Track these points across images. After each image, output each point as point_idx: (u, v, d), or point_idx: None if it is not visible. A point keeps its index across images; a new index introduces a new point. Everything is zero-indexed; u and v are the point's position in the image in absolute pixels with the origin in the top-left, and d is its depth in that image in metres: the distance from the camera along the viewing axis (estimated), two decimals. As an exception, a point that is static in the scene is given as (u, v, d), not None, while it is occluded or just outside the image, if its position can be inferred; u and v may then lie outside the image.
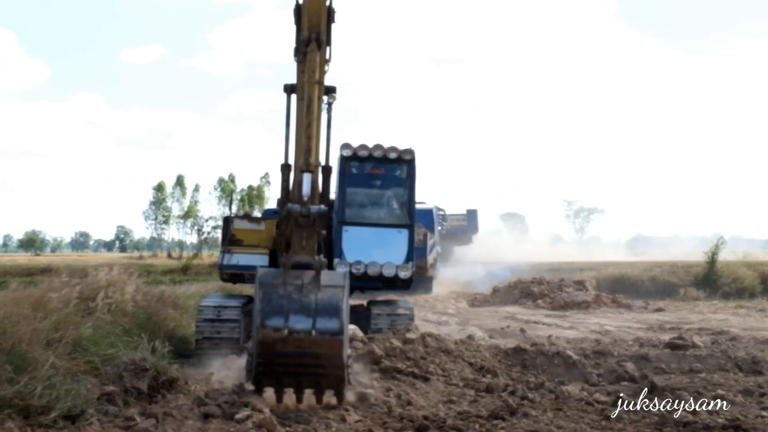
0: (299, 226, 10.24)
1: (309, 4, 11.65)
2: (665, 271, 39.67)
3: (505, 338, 19.78)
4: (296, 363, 9.63)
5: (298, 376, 9.86)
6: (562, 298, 32.16)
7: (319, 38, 11.03)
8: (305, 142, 10.48)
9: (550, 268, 44.32)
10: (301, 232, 10.25)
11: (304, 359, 9.59)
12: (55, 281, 13.08)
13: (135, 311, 14.14)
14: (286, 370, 9.73)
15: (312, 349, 9.51)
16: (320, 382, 9.89)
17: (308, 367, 9.67)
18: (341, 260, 15.57)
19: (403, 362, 12.99)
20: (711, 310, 30.22)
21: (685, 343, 16.10)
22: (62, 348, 10.31)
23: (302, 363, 9.62)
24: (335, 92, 15.45)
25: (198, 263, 45.18)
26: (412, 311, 16.69)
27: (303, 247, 10.24)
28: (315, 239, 10.28)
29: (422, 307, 29.67)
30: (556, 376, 13.73)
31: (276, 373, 9.82)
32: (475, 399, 11.75)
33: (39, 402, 8.87)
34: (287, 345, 9.48)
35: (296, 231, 10.26)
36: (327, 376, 9.82)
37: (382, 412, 10.61)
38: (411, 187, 16.08)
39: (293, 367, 9.70)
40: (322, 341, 9.48)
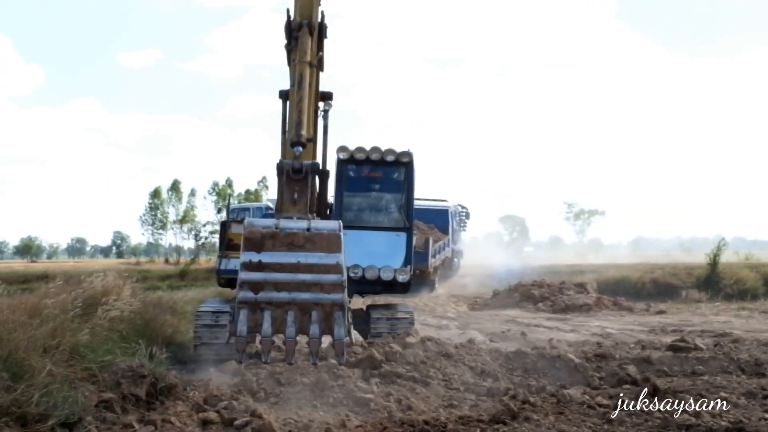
0: (290, 180, 9.82)
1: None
2: (667, 273, 39.57)
3: (505, 342, 19.70)
4: (286, 279, 8.74)
5: (287, 303, 8.73)
6: (563, 301, 32.09)
7: (310, 24, 10.96)
8: (296, 116, 10.27)
9: (550, 271, 44.27)
10: (292, 186, 9.83)
11: (297, 270, 8.76)
12: (51, 288, 13.00)
13: (132, 317, 14.09)
14: (275, 290, 8.69)
15: (306, 248, 8.86)
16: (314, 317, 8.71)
17: (301, 285, 8.72)
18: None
19: (403, 367, 12.94)
20: (713, 312, 30.15)
21: (688, 345, 16.04)
22: (59, 355, 10.25)
23: (293, 279, 8.72)
24: (331, 99, 15.43)
25: (195, 268, 45.17)
26: (412, 315, 16.64)
27: (294, 203, 9.85)
28: (307, 195, 9.85)
29: (422, 311, 29.61)
30: (557, 379, 13.66)
31: (263, 298, 8.74)
32: (476, 403, 11.70)
33: (36, 410, 8.81)
34: (277, 242, 8.82)
35: (287, 185, 9.82)
36: (324, 299, 8.80)
37: (382, 417, 10.58)
38: (409, 189, 16.00)
39: (282, 286, 8.71)
40: (317, 237, 8.86)
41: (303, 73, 10.41)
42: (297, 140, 9.96)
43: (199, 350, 14.99)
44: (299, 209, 9.57)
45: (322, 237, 8.70)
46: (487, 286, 41.27)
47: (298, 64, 10.53)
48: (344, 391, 11.41)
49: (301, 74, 10.40)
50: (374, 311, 16.55)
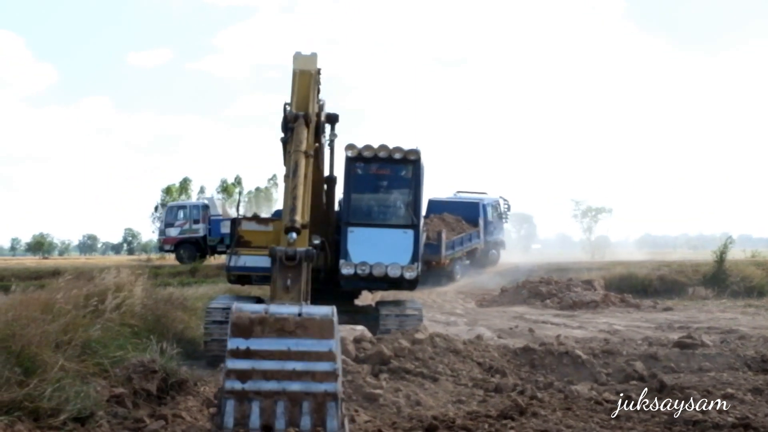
0: (283, 267, 9.36)
1: (299, 89, 11.56)
2: (673, 271, 39.49)
3: (513, 338, 19.76)
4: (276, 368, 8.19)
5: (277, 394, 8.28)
6: (570, 298, 32.07)
7: (306, 116, 10.88)
8: (290, 202, 10.07)
9: (558, 268, 44.25)
10: (285, 273, 9.37)
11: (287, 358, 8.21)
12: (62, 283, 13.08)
13: (143, 313, 14.18)
14: (264, 379, 8.17)
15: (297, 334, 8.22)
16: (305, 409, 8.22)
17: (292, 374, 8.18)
18: (346, 261, 15.53)
19: (412, 362, 12.99)
20: (720, 309, 30.11)
21: (694, 342, 16.06)
22: (71, 350, 10.33)
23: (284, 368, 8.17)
24: (337, 121, 15.49)
25: (206, 265, 45.14)
26: (421, 312, 16.71)
27: (287, 290, 9.32)
28: (300, 282, 9.32)
29: (431, 308, 29.66)
30: (565, 375, 13.71)
31: (251, 389, 8.25)
32: (484, 399, 11.75)
33: (48, 404, 8.89)
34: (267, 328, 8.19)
35: (280, 272, 9.37)
36: (316, 389, 8.19)
37: (391, 412, 10.64)
38: (416, 187, 16.00)
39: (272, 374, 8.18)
40: (309, 322, 8.25)
41: (298, 161, 10.30)
42: (291, 226, 9.74)
43: (210, 346, 15.09)
44: (292, 296, 9.12)
45: (314, 322, 8.13)
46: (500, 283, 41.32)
47: (294, 153, 10.41)
48: (353, 387, 11.47)
49: (296, 163, 10.30)
50: (383, 308, 16.61)
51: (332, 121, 15.41)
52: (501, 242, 48.56)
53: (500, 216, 48.20)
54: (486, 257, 46.45)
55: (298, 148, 10.43)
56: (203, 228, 48.67)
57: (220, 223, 47.15)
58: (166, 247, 50.81)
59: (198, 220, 49.09)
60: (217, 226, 47.37)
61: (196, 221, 49.12)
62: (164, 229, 50.22)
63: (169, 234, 49.73)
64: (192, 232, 49.07)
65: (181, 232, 49.42)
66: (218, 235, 47.69)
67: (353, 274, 15.44)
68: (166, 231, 50.07)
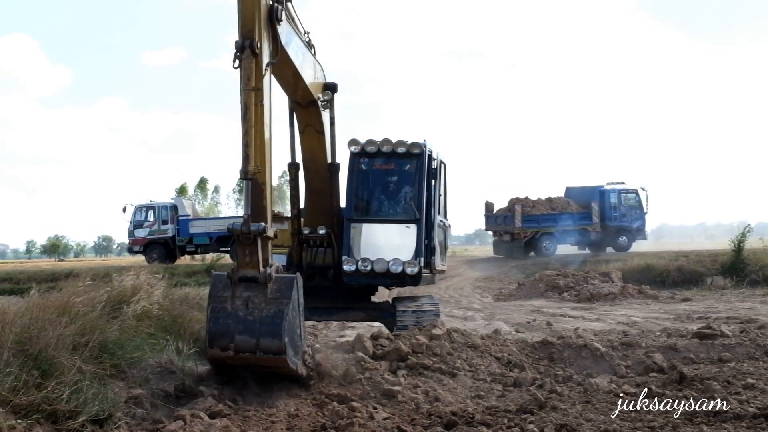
0: (241, 243, 10.33)
1: (243, 6, 10.94)
2: (691, 261, 39.38)
3: (531, 332, 19.72)
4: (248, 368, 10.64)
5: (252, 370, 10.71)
6: (588, 291, 32.00)
7: (252, 45, 10.68)
8: (243, 149, 10.22)
9: (575, 260, 44.22)
10: (244, 248, 10.33)
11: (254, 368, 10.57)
12: (80, 286, 13.07)
13: (160, 314, 14.15)
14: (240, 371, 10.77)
15: (260, 363, 10.28)
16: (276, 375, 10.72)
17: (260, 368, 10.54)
18: (348, 257, 15.44)
19: (430, 358, 12.96)
20: (738, 299, 30.01)
21: (714, 332, 15.97)
22: (88, 352, 10.31)
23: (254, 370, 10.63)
24: (335, 90, 15.45)
25: (222, 264, 45.16)
26: (438, 307, 16.65)
27: (247, 263, 10.33)
28: (258, 254, 10.30)
29: (447, 303, 29.65)
30: (583, 368, 13.66)
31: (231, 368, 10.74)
32: (503, 393, 11.72)
33: (66, 407, 8.88)
34: (235, 361, 10.29)
35: (239, 248, 10.36)
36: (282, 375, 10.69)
37: (409, 408, 10.62)
38: (420, 181, 15.81)
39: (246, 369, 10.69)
40: (267, 359, 10.12)
41: (247, 102, 10.19)
42: (244, 175, 10.11)
43: None
44: (252, 266, 10.27)
45: (270, 360, 10.16)
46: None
47: (243, 92, 10.32)
48: (371, 384, 11.46)
49: (245, 104, 10.20)
50: (400, 304, 16.56)
51: (331, 90, 15.42)
52: (634, 230, 50.11)
53: (636, 204, 49.96)
54: (613, 241, 49.63)
55: (246, 86, 10.35)
56: (172, 228, 48.82)
57: (188, 223, 47.86)
58: (135, 248, 50.57)
59: (167, 220, 49.14)
60: (186, 227, 47.87)
61: (165, 222, 49.15)
62: (133, 230, 49.81)
63: (138, 235, 49.54)
64: (161, 233, 49.09)
65: (149, 233, 49.37)
66: (187, 235, 48.41)
67: (355, 270, 15.37)
68: (134, 232, 49.75)
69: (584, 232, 48.77)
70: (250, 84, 10.36)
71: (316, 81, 14.78)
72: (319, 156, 15.78)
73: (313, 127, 15.43)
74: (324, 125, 15.43)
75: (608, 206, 48.99)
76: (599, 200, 48.95)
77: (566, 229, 48.57)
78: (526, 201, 49.77)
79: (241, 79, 10.49)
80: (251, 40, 10.63)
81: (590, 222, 48.48)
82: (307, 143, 15.73)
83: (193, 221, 48.14)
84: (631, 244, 49.93)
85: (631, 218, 49.53)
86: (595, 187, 50.24)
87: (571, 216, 48.52)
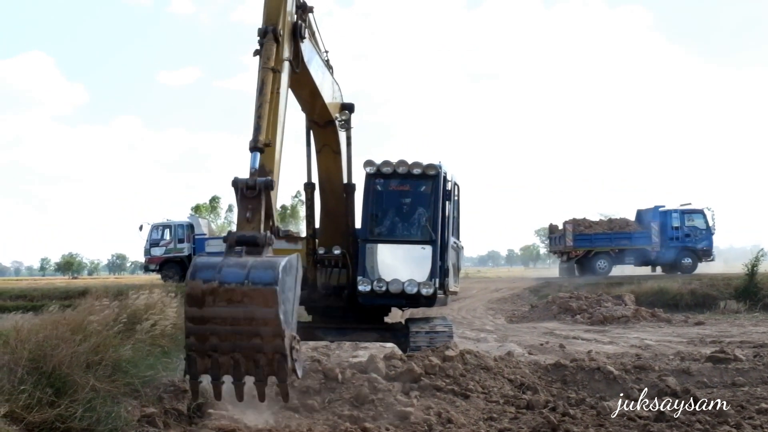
0: (244, 198, 9.61)
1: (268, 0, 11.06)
2: (704, 284, 39.27)
3: (544, 354, 19.67)
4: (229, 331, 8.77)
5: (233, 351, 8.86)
6: (600, 313, 31.94)
7: (276, 31, 10.75)
8: (255, 121, 10.18)
9: (586, 283, 44.06)
10: (246, 203, 9.59)
11: (237, 324, 8.76)
12: (96, 304, 13.12)
13: (173, 332, 14.18)
14: (220, 341, 8.78)
15: (244, 303, 8.70)
16: (259, 362, 8.86)
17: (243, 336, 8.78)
18: (363, 277, 15.43)
19: (443, 380, 12.93)
20: (752, 323, 29.93)
21: (727, 356, 15.92)
22: (102, 370, 10.34)
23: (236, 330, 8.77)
24: (352, 110, 15.55)
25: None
26: (451, 328, 16.61)
27: (248, 220, 9.54)
28: (261, 212, 9.57)
29: (460, 324, 29.63)
30: (596, 391, 13.63)
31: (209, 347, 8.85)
32: (516, 416, 11.68)
33: (80, 424, 8.91)
34: (217, 298, 8.71)
35: (241, 203, 9.62)
36: (265, 347, 8.81)
37: (422, 430, 10.59)
38: (435, 202, 15.84)
39: (226, 336, 8.79)
40: (254, 293, 8.70)
41: (265, 78, 10.23)
42: (254, 146, 9.92)
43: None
44: (253, 226, 9.39)
45: (258, 292, 8.65)
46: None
47: (261, 70, 10.35)
48: (384, 405, 11.44)
49: (263, 80, 10.23)
50: (413, 325, 16.53)
51: (349, 110, 15.57)
52: (699, 251, 49.01)
53: (701, 225, 49.11)
54: (676, 263, 48.24)
55: (266, 65, 10.30)
56: (188, 247, 48.67)
57: (204, 242, 47.55)
58: (151, 267, 50.53)
59: (183, 239, 49.17)
60: (202, 245, 47.60)
61: (181, 240, 49.17)
62: (149, 248, 49.81)
63: (154, 253, 49.54)
64: (177, 252, 49.03)
65: (166, 252, 49.36)
66: None
67: (370, 290, 15.36)
68: (150, 250, 49.73)
69: (643, 252, 48.39)
70: (269, 63, 10.36)
71: (334, 101, 14.85)
72: (335, 176, 15.83)
73: (330, 147, 15.52)
74: (341, 145, 15.50)
75: (670, 227, 48.38)
76: (659, 220, 48.46)
77: (622, 248, 48.46)
78: (583, 221, 50.02)
79: (261, 58, 10.51)
80: (274, 26, 10.72)
81: (649, 242, 48.06)
82: (324, 163, 15.81)
83: (209, 240, 48.18)
84: (697, 264, 48.66)
85: (695, 239, 48.56)
86: (657, 207, 49.60)
87: (628, 236, 48.39)
